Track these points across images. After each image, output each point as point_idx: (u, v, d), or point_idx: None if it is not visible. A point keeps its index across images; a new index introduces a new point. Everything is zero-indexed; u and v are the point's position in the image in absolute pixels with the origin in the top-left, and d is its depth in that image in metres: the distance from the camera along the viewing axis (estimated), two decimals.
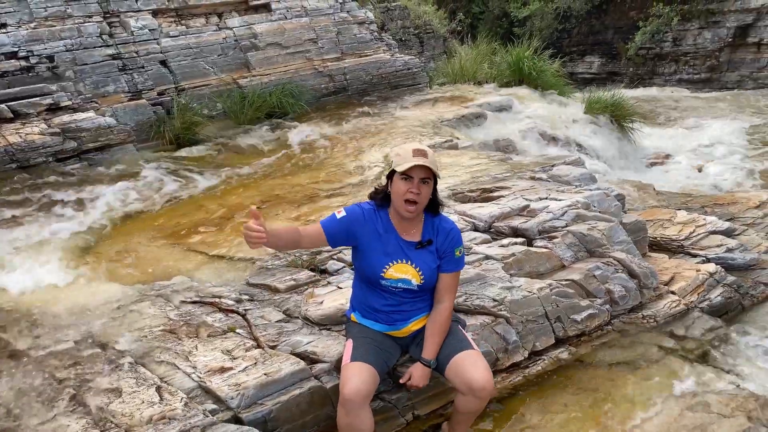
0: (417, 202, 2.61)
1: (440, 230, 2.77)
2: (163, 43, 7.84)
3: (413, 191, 2.59)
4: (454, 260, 2.79)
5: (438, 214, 2.80)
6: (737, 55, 16.44)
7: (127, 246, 4.75)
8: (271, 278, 3.89)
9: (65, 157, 6.23)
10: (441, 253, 2.77)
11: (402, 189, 2.61)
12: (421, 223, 2.77)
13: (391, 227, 2.75)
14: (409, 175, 2.59)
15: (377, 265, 2.72)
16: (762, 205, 5.59)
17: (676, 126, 10.74)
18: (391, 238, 2.74)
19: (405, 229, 2.76)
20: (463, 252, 2.84)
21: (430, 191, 2.65)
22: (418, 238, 2.76)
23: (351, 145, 7.05)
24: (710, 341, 3.68)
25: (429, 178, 2.61)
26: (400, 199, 2.63)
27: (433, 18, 15.64)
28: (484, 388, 2.59)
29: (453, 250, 2.77)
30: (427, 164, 2.57)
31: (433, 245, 2.76)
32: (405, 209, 2.64)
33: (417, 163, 2.55)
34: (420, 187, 2.59)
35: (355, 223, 2.72)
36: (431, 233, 2.77)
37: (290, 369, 2.87)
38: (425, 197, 2.64)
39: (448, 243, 2.76)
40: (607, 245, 3.96)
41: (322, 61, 9.03)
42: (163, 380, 2.89)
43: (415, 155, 2.57)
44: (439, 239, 2.76)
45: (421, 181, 2.59)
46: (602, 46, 19.46)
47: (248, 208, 5.17)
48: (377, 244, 2.72)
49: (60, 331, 3.42)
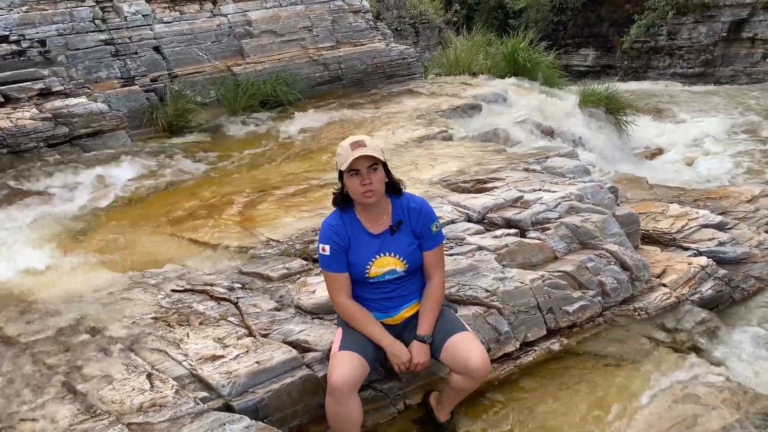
0: (373, 190, 2.62)
1: (411, 210, 2.77)
2: (157, 29, 7.78)
3: (365, 182, 2.59)
4: (433, 236, 2.80)
5: (401, 194, 2.80)
6: (731, 50, 16.47)
7: (119, 233, 4.72)
8: (263, 267, 3.88)
9: (56, 143, 6.18)
10: (418, 233, 2.77)
11: (355, 184, 2.62)
12: (389, 208, 2.78)
13: (360, 227, 2.75)
14: (354, 169, 2.59)
15: (359, 267, 2.74)
16: (754, 200, 5.61)
17: (670, 120, 10.76)
18: (363, 238, 2.74)
19: (374, 221, 2.76)
20: (440, 225, 2.85)
21: (381, 177, 2.65)
22: (389, 224, 2.76)
23: (345, 134, 7.02)
24: (701, 334, 3.70)
25: (375, 164, 2.61)
26: (358, 194, 2.64)
27: (429, 8, 15.57)
28: (481, 369, 2.63)
29: (429, 227, 2.78)
30: (367, 153, 2.57)
31: (406, 226, 2.76)
32: (365, 199, 2.64)
33: (357, 155, 2.56)
34: (370, 176, 2.60)
35: (338, 240, 2.72)
36: (401, 214, 2.77)
37: (282, 357, 2.86)
38: (378, 183, 2.63)
39: (422, 221, 2.77)
40: (599, 237, 3.96)
41: (316, 50, 8.98)
42: (154, 367, 2.88)
43: (354, 148, 2.58)
44: (412, 220, 2.77)
45: (369, 170, 2.59)
46: (597, 39, 19.46)
47: (240, 195, 5.21)
48: (354, 248, 2.73)
49: (50, 318, 3.40)
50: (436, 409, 2.92)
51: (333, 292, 2.79)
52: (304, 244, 4.13)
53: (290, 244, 4.15)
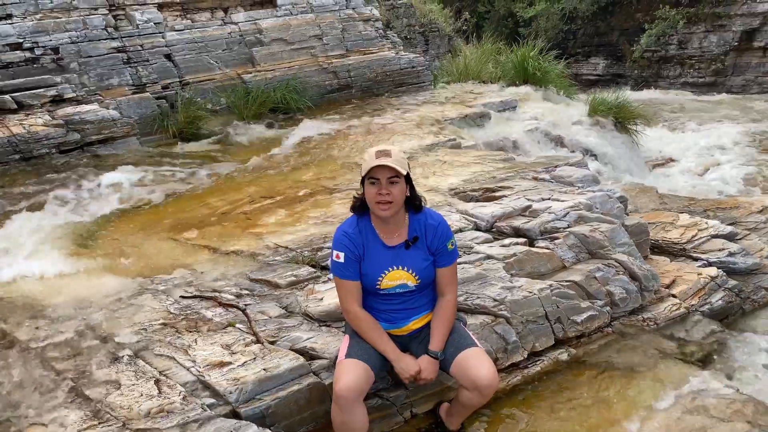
0: (390, 201, 2.59)
1: (428, 227, 2.76)
2: (168, 36, 7.85)
3: (382, 193, 2.57)
4: (448, 254, 2.79)
5: (420, 210, 2.77)
6: (743, 59, 16.40)
7: (129, 239, 4.74)
8: (271, 273, 3.89)
9: (68, 149, 6.24)
10: (433, 250, 2.76)
11: (372, 192, 2.60)
12: (405, 223, 2.76)
13: (376, 236, 2.74)
14: (374, 177, 2.57)
15: (371, 277, 2.73)
16: (765, 210, 5.57)
17: (680, 129, 10.73)
18: (378, 248, 2.73)
19: (389, 233, 2.74)
20: (455, 243, 2.83)
21: (401, 190, 2.61)
22: (405, 238, 2.75)
23: (354, 142, 7.04)
24: (710, 345, 3.68)
25: (396, 177, 2.57)
26: (372, 203, 2.62)
27: (439, 17, 15.62)
28: (490, 386, 2.62)
29: (445, 245, 2.76)
30: (390, 164, 2.53)
31: (422, 242, 2.75)
32: (379, 210, 2.62)
33: (378, 164, 2.53)
34: (388, 187, 2.57)
35: (352, 247, 2.71)
36: (418, 230, 2.75)
37: (289, 365, 2.87)
38: (397, 196, 2.60)
39: (439, 239, 2.75)
40: (608, 247, 3.94)
41: (326, 58, 9.02)
42: (162, 374, 2.89)
43: (378, 157, 2.55)
44: (428, 237, 2.75)
45: (389, 181, 2.56)
46: (607, 48, 19.44)
47: (249, 201, 5.23)
48: (367, 258, 2.73)
49: (60, 323, 3.42)
50: (446, 422, 2.92)
51: (343, 300, 2.79)
52: (313, 251, 4.13)
53: (298, 251, 4.16)
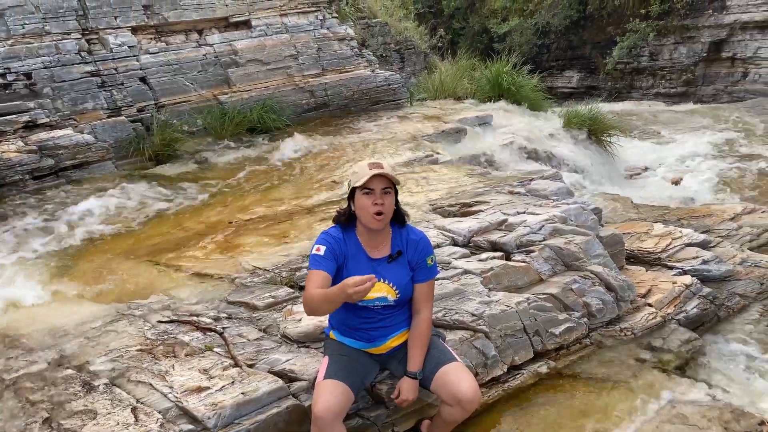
0: (383, 212, 2.64)
1: (409, 242, 2.79)
2: (143, 59, 7.82)
3: (378, 202, 2.61)
4: (427, 269, 2.81)
5: (404, 225, 2.82)
6: (712, 70, 16.77)
7: (104, 264, 4.70)
8: (249, 296, 3.87)
9: (42, 175, 6.17)
10: (413, 265, 2.79)
11: (366, 203, 2.63)
12: (389, 236, 2.79)
13: (360, 248, 2.76)
14: (369, 188, 2.61)
15: None
16: (736, 217, 5.68)
17: (654, 139, 10.90)
18: (361, 259, 2.75)
19: (374, 246, 2.77)
20: (435, 260, 2.86)
21: (393, 201, 2.68)
22: (388, 252, 2.78)
23: (331, 161, 7.06)
24: (687, 353, 3.72)
25: (389, 188, 2.64)
26: (366, 214, 2.65)
27: (414, 34, 15.74)
28: (472, 400, 2.63)
29: (424, 260, 2.79)
30: (385, 173, 2.60)
31: (404, 257, 2.78)
32: (374, 220, 2.64)
33: (375, 173, 2.59)
34: (383, 197, 2.62)
35: (335, 247, 2.72)
36: (400, 245, 2.79)
37: (268, 388, 2.84)
38: (389, 207, 2.66)
39: (419, 254, 2.78)
40: (584, 259, 3.99)
41: (302, 77, 9.05)
42: (139, 401, 2.86)
43: (372, 168, 2.61)
44: (409, 251, 2.78)
45: (383, 191, 2.63)
46: (581, 61, 19.76)
47: (227, 224, 5.21)
48: (350, 268, 2.73)
49: (34, 353, 3.36)
50: None
51: (308, 286, 2.63)
52: (291, 271, 4.12)
53: (276, 272, 4.14)
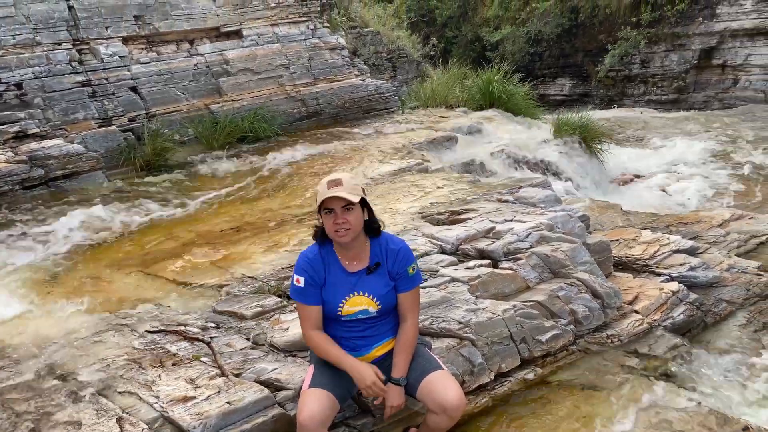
0: (347, 229, 2.62)
1: (389, 252, 2.78)
2: (134, 69, 7.84)
3: (338, 222, 2.61)
4: (409, 279, 2.80)
5: (378, 234, 2.80)
6: (703, 77, 16.89)
7: (93, 274, 4.69)
8: (237, 305, 3.88)
9: (32, 185, 6.15)
10: (394, 275, 2.78)
11: (329, 223, 2.64)
12: (367, 248, 2.78)
13: (338, 263, 2.76)
14: (328, 208, 2.61)
15: (332, 304, 2.74)
16: (724, 224, 5.71)
17: (645, 146, 10.95)
18: (339, 275, 2.75)
19: (351, 259, 2.76)
20: (417, 267, 2.85)
21: (357, 216, 2.64)
22: (367, 263, 2.77)
23: (322, 170, 7.07)
24: (673, 359, 3.74)
25: (350, 205, 2.60)
26: (331, 232, 2.66)
27: (407, 43, 15.79)
28: (457, 408, 2.63)
29: (405, 270, 2.78)
30: (341, 194, 2.57)
31: (383, 268, 2.77)
32: (338, 237, 2.65)
33: (329, 195, 2.57)
34: (344, 215, 2.60)
35: (314, 275, 2.73)
36: (379, 256, 2.77)
37: (254, 397, 2.85)
38: (354, 223, 2.63)
39: (399, 264, 2.77)
40: (570, 266, 4.01)
41: (294, 86, 9.08)
42: (125, 411, 2.86)
43: (330, 187, 2.59)
44: (389, 262, 2.77)
45: (344, 210, 2.60)
46: (573, 69, 19.87)
47: (217, 233, 5.22)
48: (329, 284, 2.74)
49: (21, 363, 3.36)
50: None
51: (303, 325, 2.79)
52: (279, 280, 4.13)
53: (265, 281, 4.15)
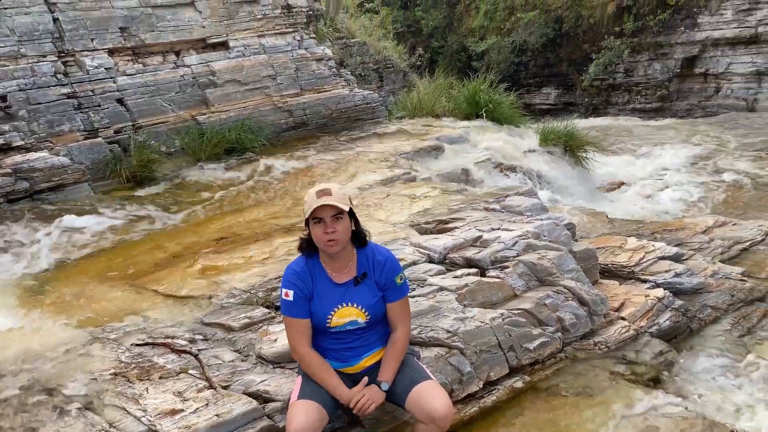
0: (335, 239, 2.64)
1: (375, 263, 2.79)
2: (120, 81, 7.81)
3: (328, 231, 2.62)
4: (397, 288, 2.81)
5: (365, 244, 2.82)
6: (686, 85, 17.12)
7: (79, 287, 4.65)
8: (225, 317, 3.86)
9: (17, 198, 6.10)
10: (381, 286, 2.79)
11: (318, 233, 2.65)
12: (354, 258, 2.80)
13: (325, 275, 2.77)
14: (318, 217, 2.63)
15: (321, 316, 2.75)
16: (708, 230, 5.77)
17: (630, 154, 11.06)
18: (327, 286, 2.76)
19: (338, 270, 2.77)
20: (404, 277, 2.86)
21: (346, 226, 2.67)
22: (354, 274, 2.78)
23: (309, 180, 7.08)
24: (660, 365, 3.77)
25: (340, 214, 2.63)
26: (321, 242, 2.67)
27: (393, 53, 15.87)
28: (446, 417, 2.64)
29: (393, 280, 2.79)
30: (331, 202, 2.59)
31: (370, 278, 2.78)
32: (328, 247, 2.67)
33: (320, 204, 2.59)
34: (333, 225, 2.62)
35: (303, 287, 2.74)
36: (366, 266, 2.79)
37: (242, 409, 2.84)
38: (343, 232, 2.66)
39: (386, 274, 2.79)
40: (557, 274, 4.04)
41: (281, 97, 9.08)
42: (112, 425, 2.84)
43: (319, 196, 2.61)
44: (376, 272, 2.79)
45: (333, 218, 2.62)
46: (558, 78, 20.07)
47: (204, 244, 5.20)
48: (317, 296, 2.75)
49: (5, 378, 3.32)
50: None
51: (292, 340, 2.80)
52: (267, 292, 4.12)
53: (253, 292, 4.14)
